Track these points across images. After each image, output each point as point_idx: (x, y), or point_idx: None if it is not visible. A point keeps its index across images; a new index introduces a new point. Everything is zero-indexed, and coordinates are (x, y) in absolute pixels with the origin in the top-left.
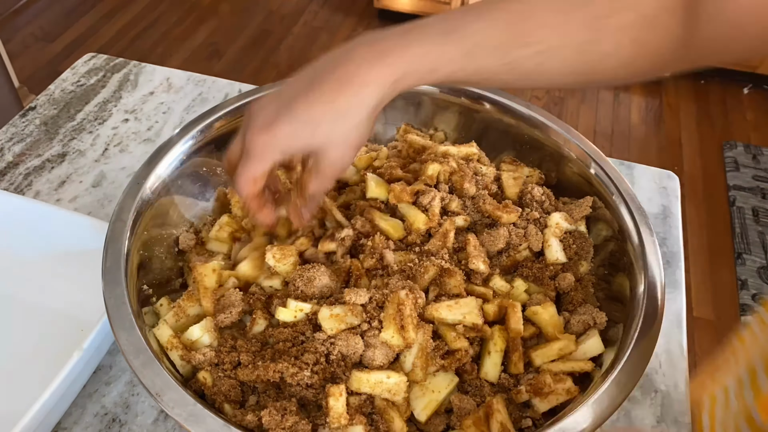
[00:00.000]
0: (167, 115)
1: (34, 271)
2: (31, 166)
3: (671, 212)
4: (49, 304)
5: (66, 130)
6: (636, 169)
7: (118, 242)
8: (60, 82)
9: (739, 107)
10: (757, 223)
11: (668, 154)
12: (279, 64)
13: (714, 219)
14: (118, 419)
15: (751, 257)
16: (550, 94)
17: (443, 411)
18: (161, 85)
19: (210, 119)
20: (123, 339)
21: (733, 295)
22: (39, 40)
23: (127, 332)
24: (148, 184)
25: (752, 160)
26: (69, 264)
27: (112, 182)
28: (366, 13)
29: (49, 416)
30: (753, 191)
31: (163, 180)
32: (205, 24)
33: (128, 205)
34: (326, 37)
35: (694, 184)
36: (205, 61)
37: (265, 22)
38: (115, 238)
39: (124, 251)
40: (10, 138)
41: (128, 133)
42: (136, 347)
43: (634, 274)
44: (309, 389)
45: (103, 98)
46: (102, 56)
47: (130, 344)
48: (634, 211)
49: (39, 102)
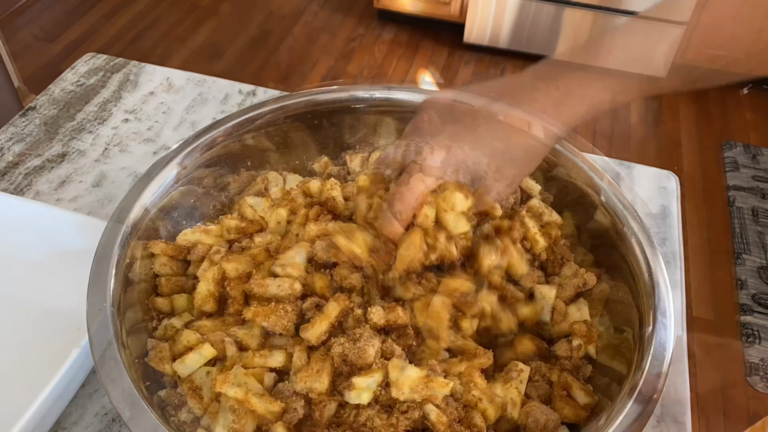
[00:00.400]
0: (167, 115)
1: (33, 271)
2: (32, 165)
3: (670, 212)
4: (47, 303)
5: (66, 130)
6: (635, 169)
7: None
8: (60, 81)
9: (738, 107)
10: (756, 223)
11: (667, 154)
12: (279, 64)
13: (713, 219)
14: (118, 419)
15: (751, 257)
16: None
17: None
18: (161, 85)
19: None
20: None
21: (733, 294)
22: (39, 40)
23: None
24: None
25: (751, 160)
26: (68, 263)
27: (113, 182)
28: (366, 13)
29: (49, 414)
30: (752, 191)
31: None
32: (205, 24)
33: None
34: (326, 37)
35: (694, 184)
36: (205, 62)
37: (265, 23)
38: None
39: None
40: (10, 138)
41: (128, 133)
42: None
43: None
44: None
45: (103, 98)
46: (102, 56)
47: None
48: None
49: (39, 102)
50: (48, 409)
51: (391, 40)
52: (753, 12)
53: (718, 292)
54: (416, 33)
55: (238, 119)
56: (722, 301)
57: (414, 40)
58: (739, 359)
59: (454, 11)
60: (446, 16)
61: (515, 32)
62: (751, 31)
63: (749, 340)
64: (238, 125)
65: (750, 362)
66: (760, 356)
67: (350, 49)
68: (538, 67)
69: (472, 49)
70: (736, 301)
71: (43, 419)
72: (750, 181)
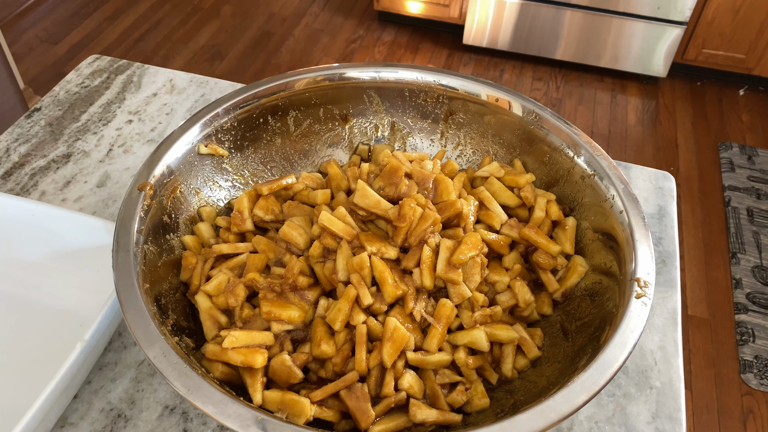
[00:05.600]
0: (170, 117)
1: (39, 270)
2: (37, 166)
3: (667, 212)
4: (51, 301)
5: (71, 131)
6: (632, 169)
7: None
8: (64, 83)
9: (734, 108)
10: (751, 223)
11: (664, 155)
12: (280, 65)
13: (709, 219)
14: (123, 414)
15: (746, 257)
16: (548, 96)
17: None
18: (164, 87)
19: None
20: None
21: (728, 293)
22: (43, 42)
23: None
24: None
25: (747, 161)
26: (74, 262)
27: (117, 182)
28: (366, 15)
29: (54, 408)
30: (748, 191)
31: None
32: (208, 26)
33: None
34: (327, 39)
35: (690, 185)
36: (208, 63)
37: (266, 24)
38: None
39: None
40: (15, 139)
41: (132, 134)
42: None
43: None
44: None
45: (107, 99)
46: (106, 58)
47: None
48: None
49: (44, 103)
50: (53, 403)
51: (391, 41)
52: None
53: (714, 291)
54: (416, 34)
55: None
56: (718, 299)
57: (414, 41)
58: (734, 357)
59: (453, 13)
60: (446, 18)
61: (514, 34)
62: (752, 31)
63: (744, 339)
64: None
65: (744, 360)
66: (754, 354)
67: (350, 51)
68: None
69: (472, 50)
70: (731, 300)
71: (48, 413)
72: (746, 181)
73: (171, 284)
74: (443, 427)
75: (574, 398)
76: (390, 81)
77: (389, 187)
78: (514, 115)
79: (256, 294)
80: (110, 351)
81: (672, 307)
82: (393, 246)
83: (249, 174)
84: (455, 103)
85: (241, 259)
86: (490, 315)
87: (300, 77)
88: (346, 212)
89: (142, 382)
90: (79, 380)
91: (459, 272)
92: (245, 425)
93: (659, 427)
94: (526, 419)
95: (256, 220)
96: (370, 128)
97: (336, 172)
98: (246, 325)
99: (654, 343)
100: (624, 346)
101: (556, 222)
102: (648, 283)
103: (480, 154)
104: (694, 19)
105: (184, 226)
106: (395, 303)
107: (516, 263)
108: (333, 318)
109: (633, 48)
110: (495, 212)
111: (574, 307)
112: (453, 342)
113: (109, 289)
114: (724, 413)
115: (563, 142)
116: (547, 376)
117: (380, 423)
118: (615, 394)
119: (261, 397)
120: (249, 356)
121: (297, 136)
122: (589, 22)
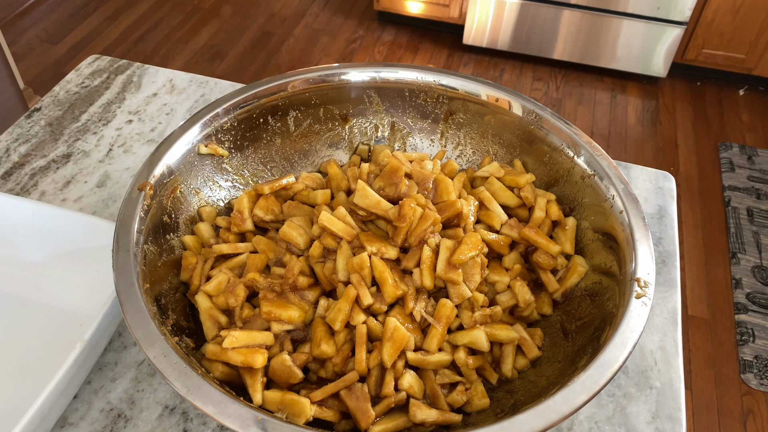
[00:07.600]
0: (170, 117)
1: (41, 270)
2: (37, 166)
3: (667, 212)
4: (51, 301)
5: (71, 131)
6: (632, 169)
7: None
8: (64, 83)
9: (734, 108)
10: (751, 223)
11: (664, 155)
12: (280, 65)
13: (709, 219)
14: (123, 414)
15: (746, 256)
16: (548, 96)
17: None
18: (164, 87)
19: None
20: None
21: (728, 293)
22: (43, 42)
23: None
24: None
25: (747, 161)
26: (74, 262)
27: (117, 182)
28: (366, 15)
29: (54, 408)
30: (748, 191)
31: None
32: (207, 26)
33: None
34: (327, 39)
35: (690, 185)
36: (208, 63)
37: (266, 24)
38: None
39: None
40: (15, 139)
41: (132, 134)
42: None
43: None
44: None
45: (107, 99)
46: (106, 58)
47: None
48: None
49: (44, 103)
50: (53, 403)
51: (391, 41)
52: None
53: (714, 291)
54: (416, 34)
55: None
56: (718, 299)
57: (414, 41)
58: (734, 357)
59: (453, 13)
60: (446, 18)
61: (514, 34)
62: (752, 32)
63: (744, 339)
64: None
65: (744, 360)
66: (754, 354)
67: (350, 51)
68: None
69: (472, 50)
70: (731, 300)
71: (48, 413)
72: (745, 181)
73: (171, 284)
74: (443, 427)
75: (574, 398)
76: (390, 81)
77: (389, 188)
78: (514, 115)
79: (256, 294)
80: (110, 351)
81: (672, 307)
82: (393, 246)
83: (249, 174)
84: (455, 103)
85: (241, 259)
86: (490, 315)
87: (300, 77)
88: (346, 212)
89: (142, 382)
90: (79, 380)
91: (459, 272)
92: (245, 425)
93: (659, 427)
94: (526, 419)
95: (256, 220)
96: (370, 128)
97: (336, 172)
98: (246, 325)
99: (654, 343)
100: (624, 346)
101: (556, 222)
102: (648, 283)
103: (480, 154)
104: (694, 19)
105: (184, 226)
106: (395, 303)
107: (516, 263)
108: (333, 318)
109: (633, 48)
110: (495, 212)
111: (574, 307)
112: (453, 342)
113: (109, 289)
114: (724, 413)
115: (563, 142)
116: (547, 376)
117: (380, 423)
118: (615, 394)
119: (261, 397)
120: (249, 356)
121: (297, 136)
122: (589, 22)
